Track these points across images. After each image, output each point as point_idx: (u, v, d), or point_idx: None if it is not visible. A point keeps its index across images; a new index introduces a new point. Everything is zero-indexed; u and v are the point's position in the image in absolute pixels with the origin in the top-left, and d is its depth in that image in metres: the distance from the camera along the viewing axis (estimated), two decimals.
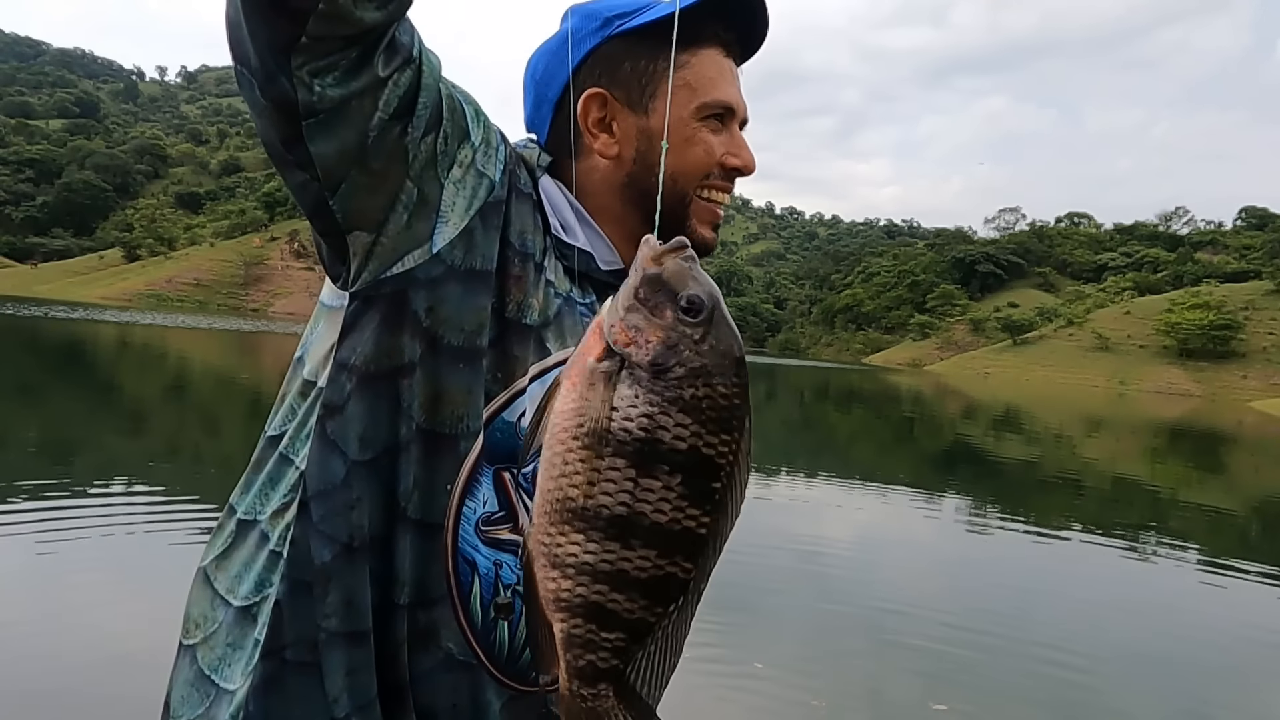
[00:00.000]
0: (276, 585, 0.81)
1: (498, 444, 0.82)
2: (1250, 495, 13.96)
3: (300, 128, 0.70)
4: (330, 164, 0.73)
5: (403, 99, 0.74)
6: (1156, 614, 6.04)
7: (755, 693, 3.89)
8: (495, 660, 0.84)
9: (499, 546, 0.82)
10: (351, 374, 0.80)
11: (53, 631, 3.88)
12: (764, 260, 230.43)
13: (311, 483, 0.80)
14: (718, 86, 0.92)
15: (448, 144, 0.80)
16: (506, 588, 0.82)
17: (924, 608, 5.49)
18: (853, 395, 36.21)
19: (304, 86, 0.68)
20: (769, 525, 7.90)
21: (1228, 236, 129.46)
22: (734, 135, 0.94)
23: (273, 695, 0.80)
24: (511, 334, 0.83)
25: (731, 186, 0.96)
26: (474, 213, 0.82)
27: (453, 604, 0.81)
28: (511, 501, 0.83)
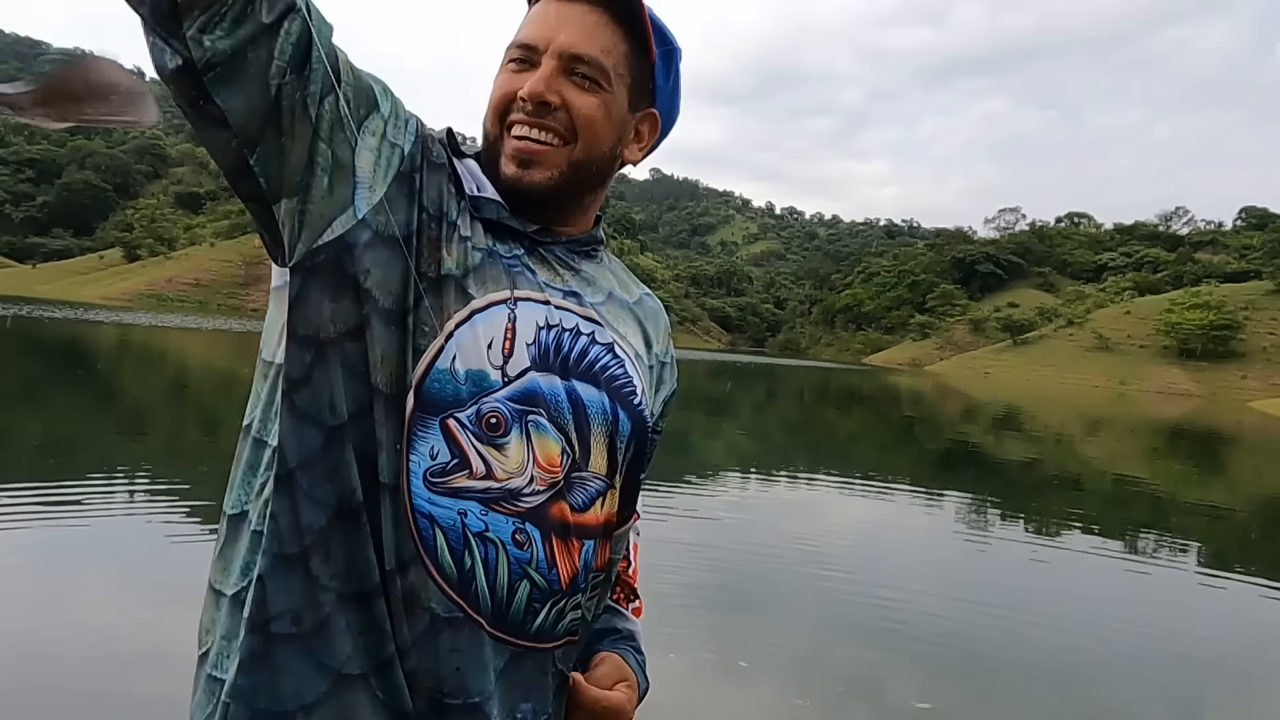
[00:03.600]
0: (259, 563, 0.82)
1: (437, 393, 0.83)
2: (1250, 495, 13.97)
3: (203, 85, 0.73)
4: (242, 119, 0.75)
5: (297, 47, 0.77)
6: (1155, 614, 6.05)
7: (740, 691, 3.89)
8: (483, 612, 0.84)
9: (459, 495, 0.83)
10: (307, 345, 0.82)
11: (53, 630, 3.88)
12: (764, 260, 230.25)
13: (291, 456, 0.82)
14: (524, 29, 0.94)
15: (352, 108, 0.82)
16: (475, 535, 0.83)
17: (919, 607, 5.50)
18: (853, 395, 36.21)
19: (195, 44, 0.72)
20: (767, 525, 7.92)
21: (1228, 236, 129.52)
22: (538, 69, 0.91)
23: (261, 669, 0.81)
24: (432, 289, 0.85)
25: (530, 119, 0.90)
26: (390, 181, 0.85)
27: (423, 561, 0.82)
28: (462, 448, 0.83)
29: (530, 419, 0.86)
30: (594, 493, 0.92)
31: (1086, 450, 19.58)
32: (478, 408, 0.83)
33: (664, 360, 1.09)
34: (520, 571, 0.84)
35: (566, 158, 0.92)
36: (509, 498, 0.84)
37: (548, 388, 0.88)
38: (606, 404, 0.92)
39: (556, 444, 0.88)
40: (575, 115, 0.91)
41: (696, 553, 6.10)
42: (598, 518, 0.92)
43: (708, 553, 6.21)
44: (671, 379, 1.12)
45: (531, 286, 0.91)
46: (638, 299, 1.07)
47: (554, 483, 0.87)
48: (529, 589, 0.85)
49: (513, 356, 0.86)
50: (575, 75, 0.91)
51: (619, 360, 0.95)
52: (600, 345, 0.94)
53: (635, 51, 0.95)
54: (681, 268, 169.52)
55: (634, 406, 0.95)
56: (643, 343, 1.03)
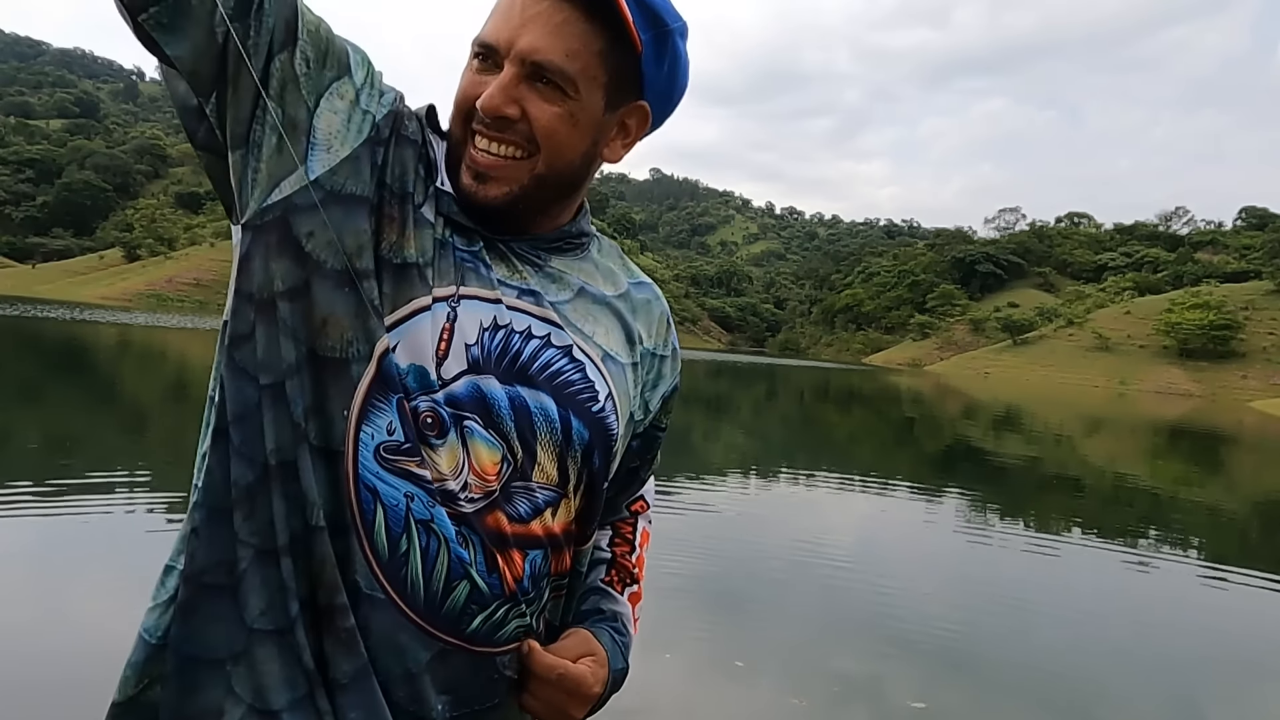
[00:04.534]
0: (194, 517, 0.82)
1: (392, 376, 0.81)
2: (1250, 495, 13.96)
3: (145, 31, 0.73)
4: (189, 64, 0.75)
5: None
6: (1155, 614, 6.04)
7: (736, 691, 3.88)
8: (410, 601, 0.81)
9: (410, 479, 0.81)
10: (250, 302, 0.81)
11: (53, 629, 3.88)
12: (764, 260, 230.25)
13: (230, 410, 0.81)
14: (488, 22, 0.87)
15: (310, 68, 0.80)
16: (418, 522, 0.80)
17: (917, 606, 5.50)
18: (853, 395, 36.21)
19: None
20: (765, 524, 7.91)
21: (1228, 236, 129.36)
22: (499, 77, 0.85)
23: (192, 618, 0.80)
24: (384, 271, 0.82)
25: (489, 132, 0.85)
26: (357, 145, 0.83)
27: (356, 532, 0.80)
28: (415, 436, 0.81)
29: (466, 424, 0.83)
30: (540, 503, 0.88)
31: (1086, 450, 19.58)
32: (415, 405, 0.82)
33: (661, 354, 1.04)
34: (461, 571, 0.82)
35: (528, 171, 0.87)
36: (448, 499, 0.82)
37: (490, 392, 0.84)
38: (555, 411, 0.88)
39: (495, 451, 0.84)
40: (535, 126, 0.85)
41: (694, 552, 6.09)
42: (547, 528, 0.89)
43: (705, 552, 6.21)
44: (672, 373, 1.07)
45: (483, 284, 0.87)
46: (623, 291, 1.01)
47: (490, 491, 0.84)
48: (468, 590, 0.82)
49: (448, 358, 0.83)
50: (538, 82, 0.84)
51: (577, 365, 0.91)
52: (555, 349, 0.90)
53: (615, 45, 0.86)
54: (681, 268, 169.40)
55: (591, 414, 0.90)
56: (621, 340, 0.97)
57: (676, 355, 1.08)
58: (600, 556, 1.10)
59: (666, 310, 1.08)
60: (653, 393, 1.03)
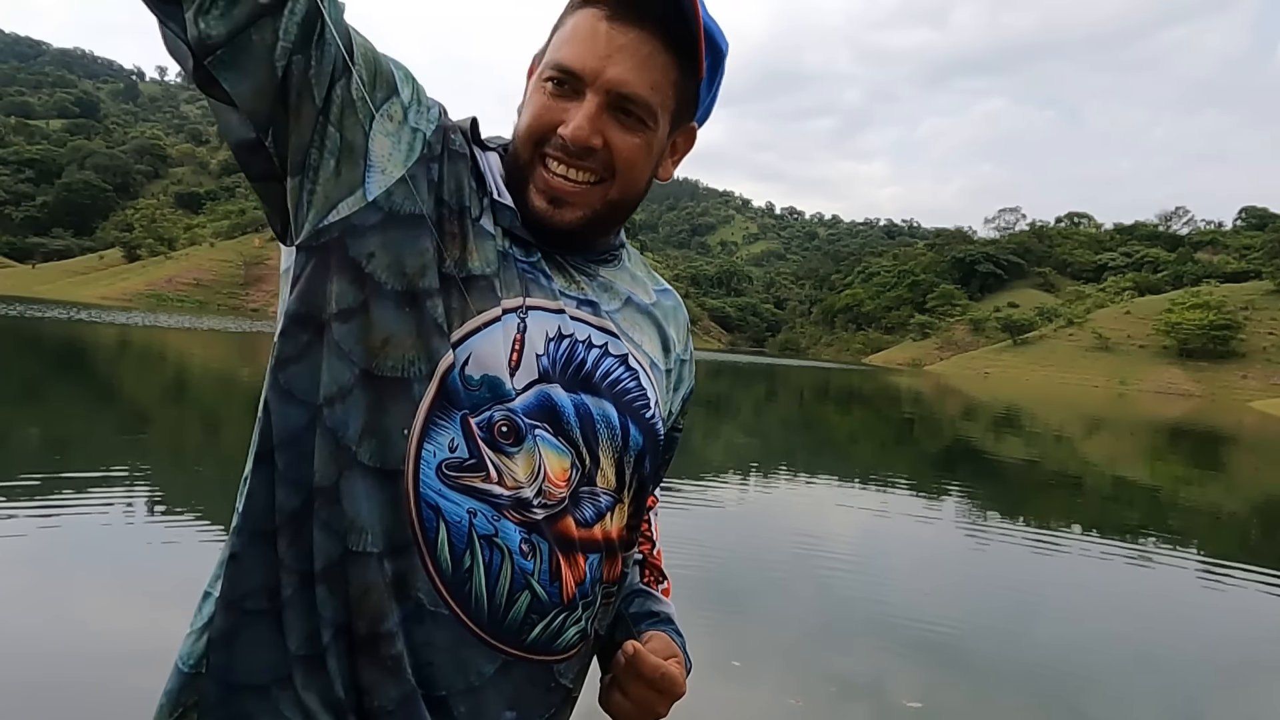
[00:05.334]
0: (233, 541, 0.82)
1: (456, 390, 0.81)
2: (1250, 495, 13.96)
3: (207, 71, 0.72)
4: (250, 103, 0.74)
5: (303, 27, 0.74)
6: (1155, 614, 6.04)
7: (732, 691, 3.88)
8: (474, 616, 0.82)
9: (473, 495, 0.81)
10: (301, 324, 0.82)
11: (53, 628, 3.88)
12: (764, 260, 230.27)
13: (275, 434, 0.81)
14: (564, 48, 0.86)
15: (365, 92, 0.80)
16: (481, 537, 0.81)
17: (915, 606, 5.49)
18: (853, 395, 36.20)
19: (192, 26, 0.70)
20: (763, 523, 7.91)
21: (1228, 236, 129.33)
22: (581, 103, 0.85)
23: (233, 644, 0.81)
24: (451, 286, 0.83)
25: (569, 159, 0.86)
26: (410, 164, 0.83)
27: (419, 550, 0.80)
28: (481, 451, 0.82)
29: (538, 432, 0.85)
30: (603, 508, 0.90)
31: (1086, 450, 19.57)
32: (490, 415, 0.82)
33: (684, 358, 1.07)
34: (523, 582, 0.83)
35: (601, 197, 0.89)
36: (520, 506, 0.83)
37: (558, 401, 0.86)
38: (617, 418, 0.90)
39: (565, 458, 0.86)
40: (616, 157, 0.87)
41: (692, 551, 6.09)
42: (605, 532, 0.91)
43: (703, 551, 6.20)
44: (690, 376, 1.10)
45: (546, 295, 0.89)
46: (655, 300, 1.04)
47: (562, 497, 0.86)
48: (529, 600, 0.83)
49: (520, 367, 0.85)
50: (620, 113, 0.86)
51: (632, 373, 0.94)
52: (614, 358, 0.92)
53: (685, 74, 0.88)
54: (681, 268, 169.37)
55: (646, 420, 0.94)
56: (660, 348, 1.01)
57: (693, 358, 1.11)
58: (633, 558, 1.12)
59: (686, 317, 1.11)
60: (675, 395, 1.05)
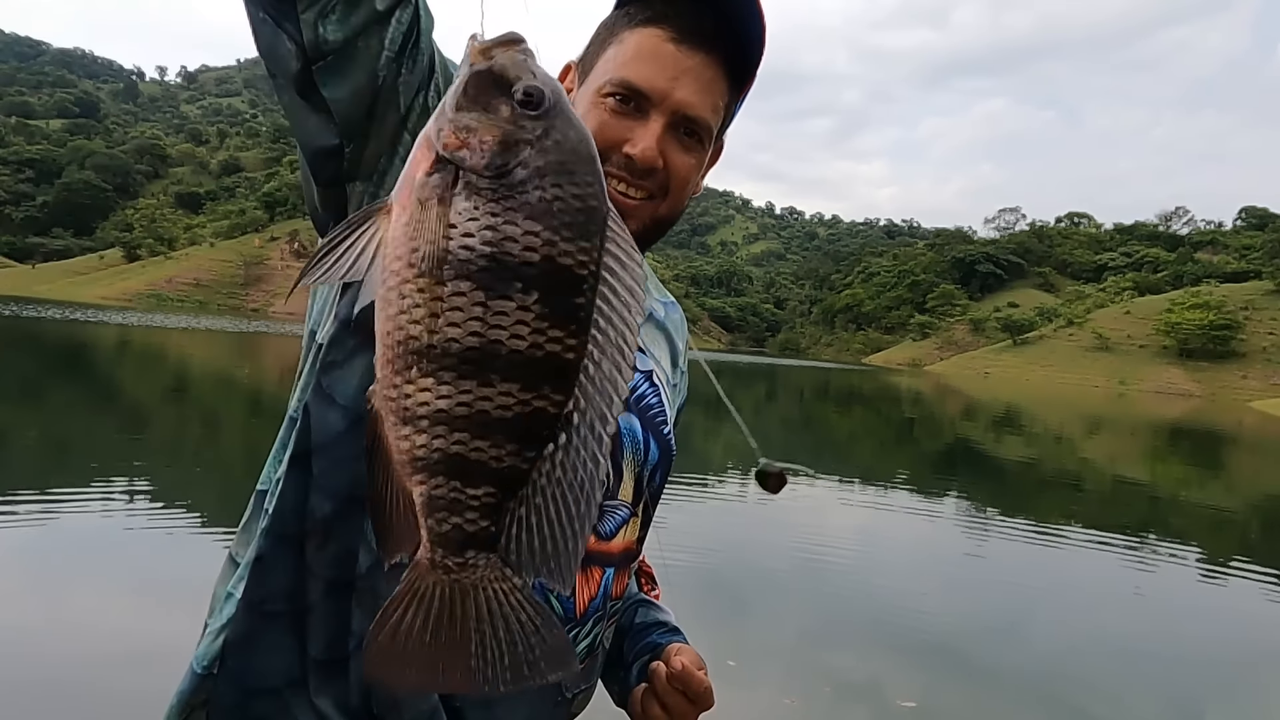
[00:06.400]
0: (259, 543, 0.82)
1: None
2: (1250, 495, 13.96)
3: (311, 73, 0.71)
4: (346, 108, 0.73)
5: (406, 35, 0.74)
6: (1155, 614, 6.04)
7: (728, 691, 3.86)
8: None
9: None
10: (355, 329, 0.80)
11: (52, 628, 3.88)
12: (764, 260, 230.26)
13: (314, 437, 0.81)
14: (630, 66, 0.85)
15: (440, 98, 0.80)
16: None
17: (913, 606, 5.49)
18: (853, 395, 36.20)
19: (309, 29, 0.69)
20: (762, 524, 7.90)
21: (1228, 236, 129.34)
22: (645, 122, 0.85)
23: (250, 648, 0.81)
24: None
25: (632, 177, 0.86)
26: None
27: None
28: None
29: None
30: (620, 521, 0.90)
31: (1086, 450, 19.57)
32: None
33: (684, 370, 1.09)
34: (541, 597, 0.81)
35: (652, 212, 0.89)
36: None
37: None
38: (640, 433, 0.91)
39: None
40: (673, 176, 0.88)
41: (689, 551, 6.08)
42: (620, 545, 0.91)
43: (700, 551, 6.20)
44: (685, 387, 1.11)
45: None
46: (665, 313, 1.05)
47: None
48: None
49: None
50: (682, 134, 0.87)
51: (655, 389, 0.94)
52: (640, 373, 0.93)
53: (733, 94, 0.91)
54: (681, 268, 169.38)
55: (663, 435, 0.94)
56: (670, 362, 1.02)
57: (688, 368, 1.13)
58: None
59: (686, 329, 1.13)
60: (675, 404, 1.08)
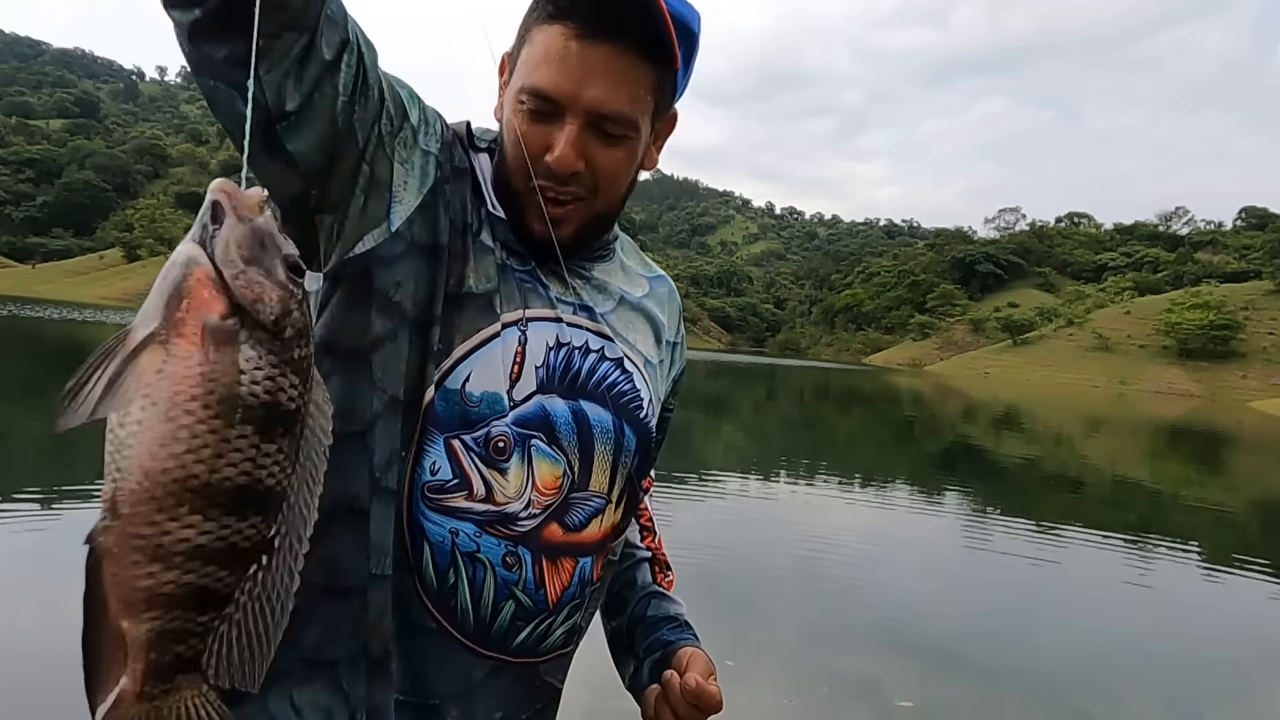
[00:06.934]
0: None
1: (445, 412, 0.83)
2: (1250, 495, 13.95)
3: (275, 131, 0.71)
4: (310, 157, 0.73)
5: (356, 76, 0.74)
6: (1155, 614, 6.03)
7: (725, 690, 3.86)
8: (460, 628, 0.85)
9: (454, 514, 0.83)
10: (328, 352, 0.82)
11: (51, 628, 3.87)
12: (764, 260, 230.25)
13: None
14: (537, 70, 0.83)
15: (392, 125, 0.80)
16: (464, 555, 0.83)
17: (912, 606, 5.49)
18: (853, 396, 36.19)
19: (272, 89, 0.69)
20: (761, 524, 7.90)
21: (1228, 236, 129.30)
22: (561, 126, 0.83)
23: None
24: (451, 305, 0.84)
25: (556, 184, 0.85)
26: (426, 190, 0.83)
27: (409, 569, 0.83)
28: (464, 469, 0.83)
29: (532, 443, 0.86)
30: (591, 511, 0.91)
31: (1086, 450, 19.56)
32: (487, 430, 0.83)
33: (674, 341, 1.09)
34: (507, 593, 0.85)
35: (588, 212, 0.89)
36: (505, 521, 0.84)
37: (554, 410, 0.87)
38: (611, 422, 0.92)
39: (557, 466, 0.87)
40: (600, 174, 0.87)
41: (688, 551, 6.08)
42: (594, 535, 0.92)
43: (699, 551, 6.20)
44: (681, 357, 1.12)
45: (543, 303, 0.90)
46: (648, 290, 1.05)
47: (549, 505, 0.87)
48: (513, 608, 0.86)
49: (520, 380, 0.85)
50: (602, 132, 0.85)
51: (627, 375, 0.95)
52: (610, 361, 0.93)
53: (662, 72, 0.86)
54: (681, 268, 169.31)
55: (640, 420, 0.95)
56: (653, 342, 1.02)
57: (683, 340, 1.13)
58: (639, 555, 1.16)
59: (680, 302, 1.12)
60: (667, 377, 1.08)
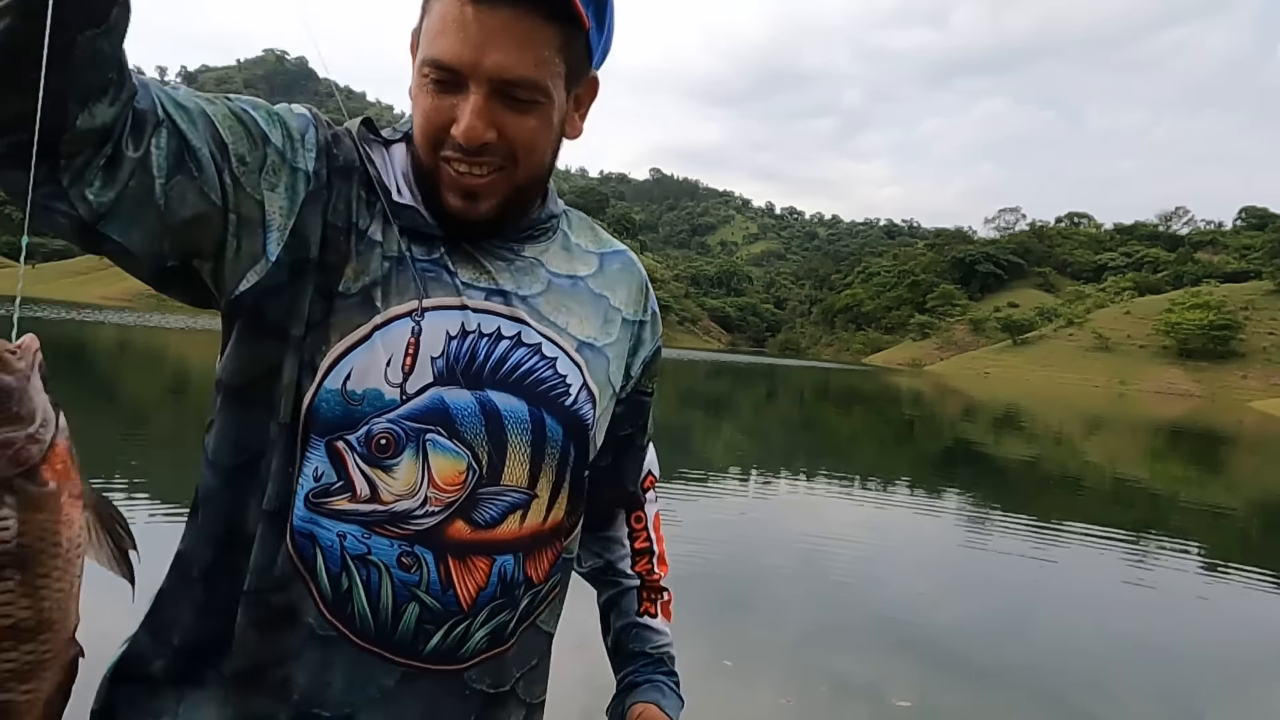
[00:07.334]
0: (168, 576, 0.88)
1: (326, 415, 0.81)
2: (1250, 495, 13.95)
3: (97, 232, 0.70)
4: (142, 243, 0.73)
5: (176, 154, 0.72)
6: (1155, 613, 6.03)
7: (724, 690, 3.87)
8: (361, 634, 0.82)
9: (339, 517, 0.81)
10: (220, 388, 0.84)
11: None
12: (764, 260, 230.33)
13: (201, 491, 0.86)
14: (436, 41, 0.80)
15: (246, 164, 0.78)
16: (354, 558, 0.82)
17: (911, 606, 5.49)
18: (853, 396, 36.19)
19: (81, 202, 0.68)
20: (761, 524, 7.90)
21: (1228, 236, 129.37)
22: (465, 97, 0.80)
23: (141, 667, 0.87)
24: (332, 306, 0.82)
25: (467, 157, 0.82)
26: (298, 208, 0.81)
27: (303, 579, 0.82)
28: (348, 470, 0.81)
29: (428, 437, 0.83)
30: (507, 506, 0.87)
31: (1086, 450, 19.57)
32: (369, 428, 0.81)
33: (641, 319, 1.04)
34: (407, 594, 0.82)
35: (509, 183, 0.85)
36: (395, 520, 0.82)
37: (454, 403, 0.84)
38: (527, 412, 0.87)
39: (460, 461, 0.84)
40: (514, 143, 0.83)
41: (686, 550, 6.08)
42: (512, 532, 0.87)
43: (697, 551, 6.19)
44: (653, 338, 1.07)
45: (447, 291, 0.86)
46: (596, 269, 1.00)
47: (452, 501, 0.84)
48: (418, 611, 0.83)
49: (414, 373, 0.83)
50: (510, 99, 0.81)
51: (548, 361, 0.90)
52: (526, 347, 0.88)
53: (570, 32, 0.82)
54: (681, 268, 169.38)
55: (564, 408, 0.90)
56: (598, 323, 0.97)
57: (657, 319, 1.07)
58: (625, 584, 1.13)
59: (644, 276, 1.06)
60: (634, 358, 1.03)
